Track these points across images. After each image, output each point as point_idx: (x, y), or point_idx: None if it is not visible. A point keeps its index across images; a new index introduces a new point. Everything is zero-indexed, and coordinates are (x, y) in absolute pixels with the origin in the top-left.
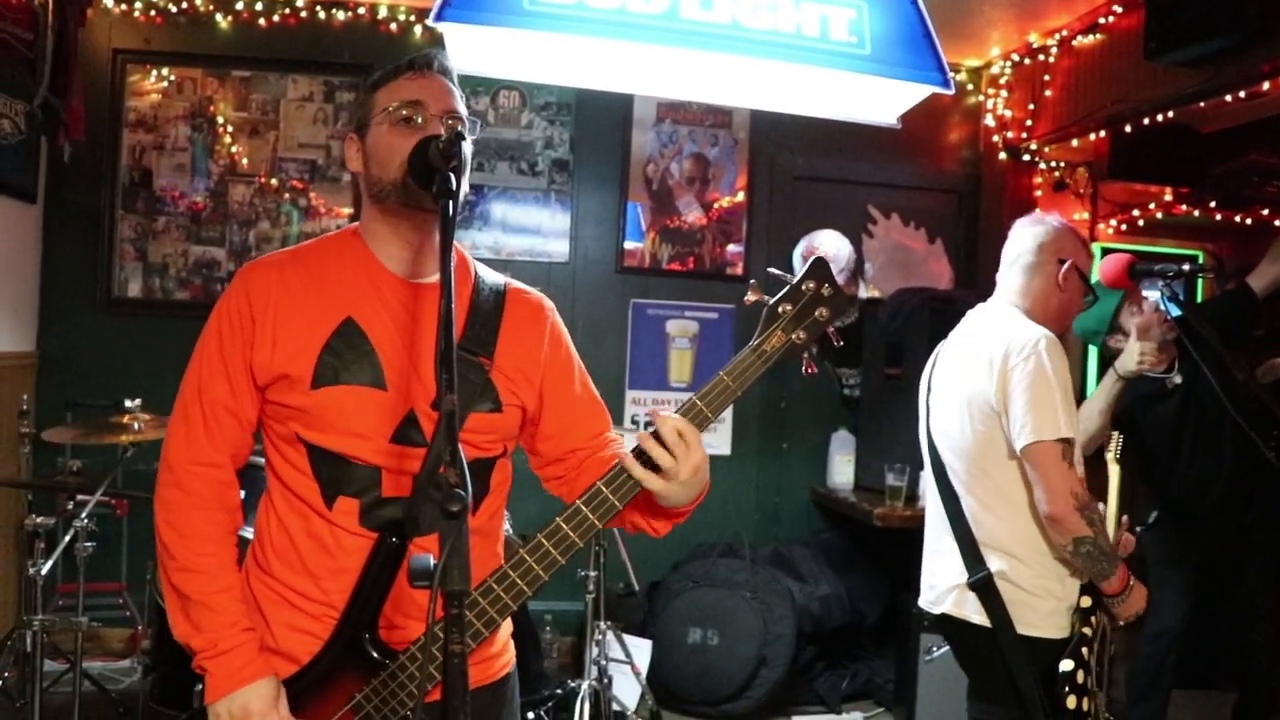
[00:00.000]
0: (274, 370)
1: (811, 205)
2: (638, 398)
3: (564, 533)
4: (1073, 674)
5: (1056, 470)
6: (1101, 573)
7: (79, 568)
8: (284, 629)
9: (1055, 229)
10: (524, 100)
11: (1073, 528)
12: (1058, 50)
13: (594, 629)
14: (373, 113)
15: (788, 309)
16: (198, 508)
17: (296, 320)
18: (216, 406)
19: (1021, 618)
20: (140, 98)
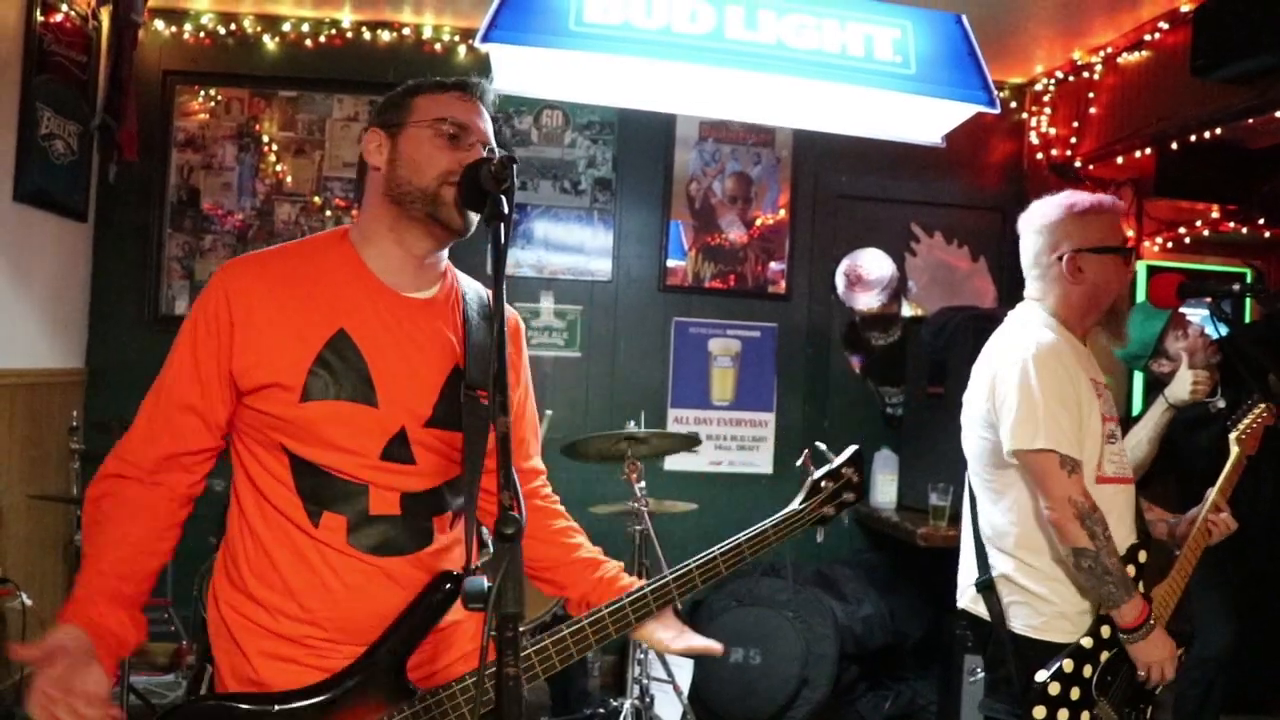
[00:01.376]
0: (259, 379)
1: (854, 223)
2: (680, 416)
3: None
4: (1044, 686)
5: (1051, 477)
6: (1108, 596)
7: None
8: (262, 658)
9: (1046, 226)
10: (567, 119)
11: (1071, 537)
12: (1103, 67)
13: (635, 647)
14: (410, 116)
15: (828, 486)
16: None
17: (284, 328)
18: (175, 406)
19: (1020, 617)
20: (188, 118)
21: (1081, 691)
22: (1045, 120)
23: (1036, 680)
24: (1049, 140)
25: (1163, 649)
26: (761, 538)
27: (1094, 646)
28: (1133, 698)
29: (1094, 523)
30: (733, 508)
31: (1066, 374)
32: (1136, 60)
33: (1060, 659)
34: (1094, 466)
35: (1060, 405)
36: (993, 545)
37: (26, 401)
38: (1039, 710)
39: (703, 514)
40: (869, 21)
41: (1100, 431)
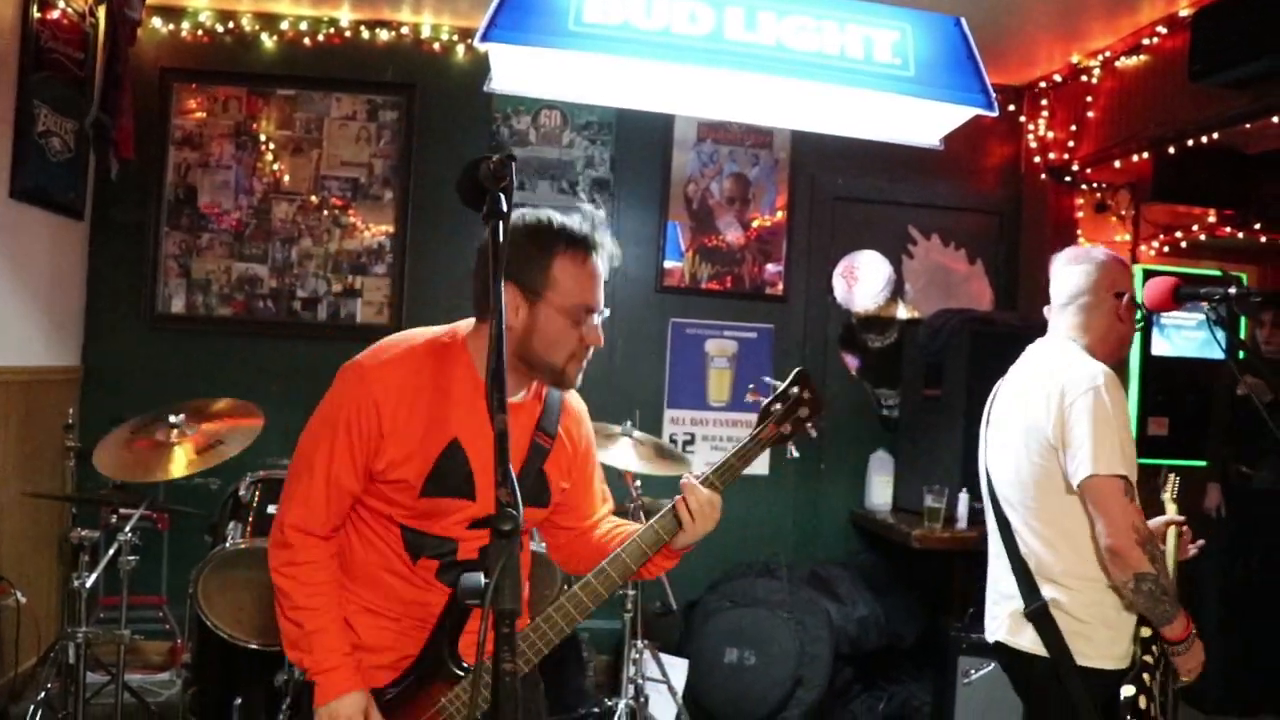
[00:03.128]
0: (393, 474)
1: (851, 225)
2: (676, 417)
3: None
4: (1135, 699)
5: (1118, 504)
6: (1163, 615)
7: (121, 581)
8: (369, 630)
9: (1104, 263)
10: (565, 120)
11: (1134, 562)
12: (1101, 71)
13: (631, 648)
14: (548, 290)
15: (778, 408)
16: (308, 563)
17: (417, 436)
18: (344, 491)
19: (1077, 649)
20: (186, 116)
21: (1148, 703)
22: (1043, 124)
23: (1124, 696)
24: (1047, 144)
25: (1201, 655)
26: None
27: (1154, 663)
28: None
29: (1154, 547)
30: (728, 508)
31: (1125, 408)
32: (1135, 64)
33: (1139, 673)
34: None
35: (1128, 436)
36: (1045, 576)
37: (22, 399)
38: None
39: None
40: (868, 23)
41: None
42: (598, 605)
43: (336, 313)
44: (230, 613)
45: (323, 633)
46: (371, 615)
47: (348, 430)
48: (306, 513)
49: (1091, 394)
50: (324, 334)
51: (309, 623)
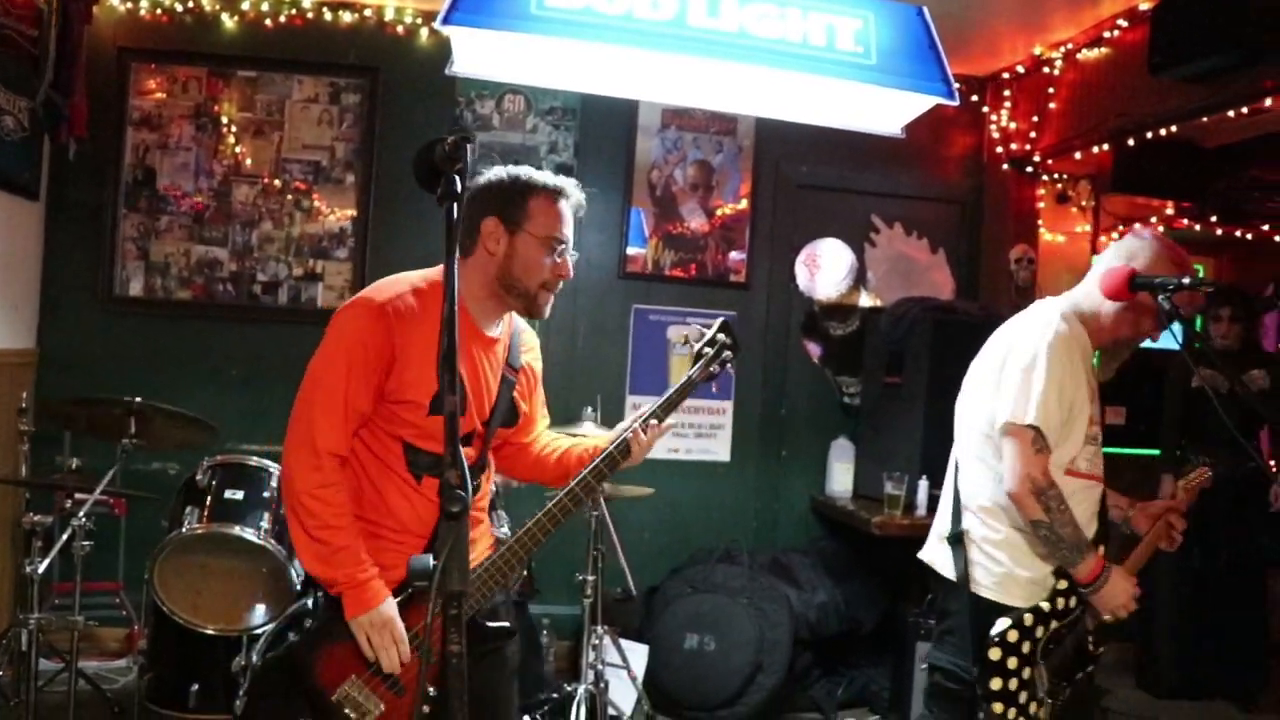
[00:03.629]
0: (404, 394)
1: (815, 213)
2: (638, 403)
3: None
4: (1005, 633)
5: (1023, 453)
6: (1064, 559)
7: (76, 566)
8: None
9: (1147, 242)
10: (529, 104)
11: (1028, 510)
12: (1062, 63)
13: (591, 633)
14: (526, 222)
15: (708, 353)
16: (334, 484)
17: (424, 363)
18: (360, 415)
19: (976, 577)
20: (144, 96)
21: (1030, 648)
22: (1006, 114)
23: (999, 627)
24: (1009, 134)
25: (1123, 593)
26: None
27: (1049, 612)
28: (1063, 672)
29: (1049, 497)
30: (690, 495)
31: (1073, 371)
32: (1096, 57)
33: (1023, 612)
34: (1068, 459)
35: (1056, 394)
36: (967, 507)
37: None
38: (995, 652)
39: (659, 500)
40: (831, 11)
41: (1085, 431)
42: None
43: (297, 297)
44: (187, 598)
45: (352, 548)
46: (374, 539)
47: (364, 356)
48: (334, 437)
49: (1032, 348)
50: (284, 318)
51: (337, 539)
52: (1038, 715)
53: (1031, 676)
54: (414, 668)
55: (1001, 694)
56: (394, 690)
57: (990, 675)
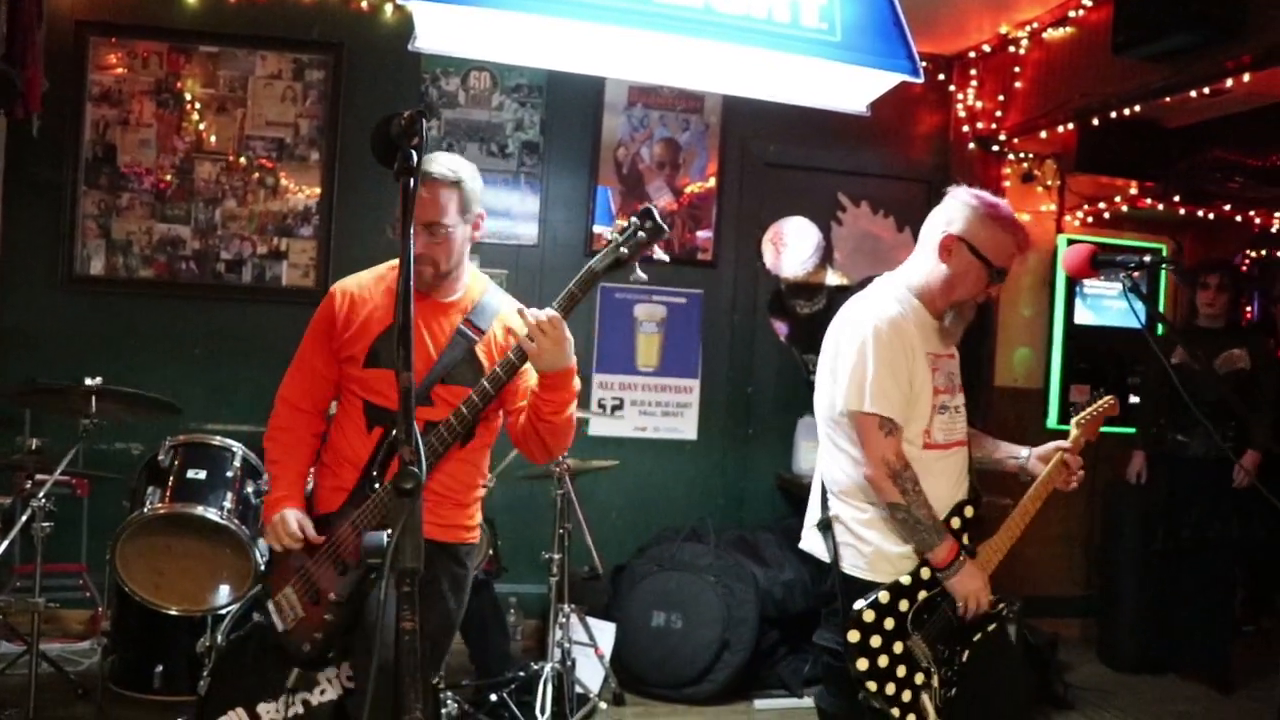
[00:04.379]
0: (345, 351)
1: (782, 192)
2: (605, 381)
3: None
4: (860, 613)
5: (872, 438)
6: (921, 542)
7: (37, 548)
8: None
9: (957, 204)
10: (495, 82)
11: (886, 493)
12: (1028, 42)
13: (558, 612)
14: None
15: (617, 236)
16: (287, 428)
17: (361, 325)
18: (314, 373)
19: (848, 557)
20: (104, 71)
21: (896, 623)
22: (972, 93)
23: (854, 608)
24: (975, 113)
25: (974, 581)
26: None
27: (912, 584)
28: (948, 637)
29: (904, 480)
30: (657, 473)
31: (903, 348)
32: (1061, 36)
33: (878, 590)
34: (921, 432)
35: (890, 376)
36: (830, 492)
37: None
38: (853, 634)
39: (625, 478)
40: None
41: (931, 403)
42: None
43: (261, 275)
44: (150, 579)
45: (281, 476)
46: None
47: (317, 323)
48: (288, 385)
49: (859, 337)
50: (248, 297)
51: (273, 469)
52: (929, 685)
53: (906, 650)
54: (329, 577)
55: (870, 673)
56: (311, 598)
57: (854, 656)
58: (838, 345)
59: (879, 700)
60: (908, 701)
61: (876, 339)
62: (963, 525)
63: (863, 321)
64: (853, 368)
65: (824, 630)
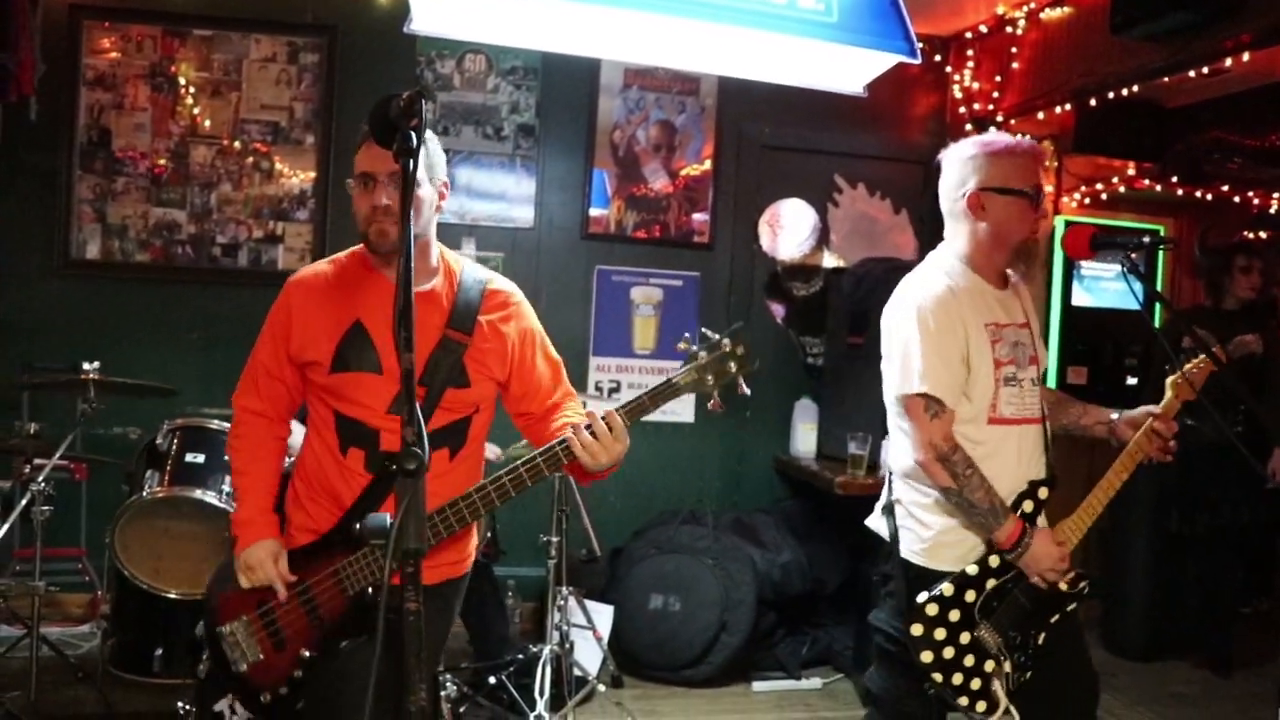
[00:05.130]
0: (305, 357)
1: (778, 174)
2: (602, 364)
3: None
4: (923, 607)
5: (919, 421)
6: (980, 525)
7: (36, 532)
8: (298, 531)
9: (959, 161)
10: (490, 64)
11: (936, 478)
12: (1025, 23)
13: (556, 595)
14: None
15: (703, 356)
16: (247, 437)
17: (321, 324)
18: (269, 374)
19: (907, 541)
20: (98, 56)
21: (962, 614)
22: (969, 74)
23: (917, 601)
24: (972, 94)
25: (1046, 558)
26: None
27: (979, 574)
28: (1021, 623)
29: (954, 464)
30: (654, 456)
31: (950, 326)
32: (1059, 16)
33: (942, 583)
34: (986, 408)
35: (937, 355)
36: (894, 472)
37: None
38: (916, 628)
39: (624, 462)
40: None
41: (994, 376)
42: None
43: (257, 259)
44: (149, 563)
45: (249, 491)
46: (298, 497)
47: (271, 323)
48: (244, 388)
49: (904, 318)
50: (244, 281)
51: (239, 480)
52: (1001, 672)
53: (975, 639)
54: (300, 625)
55: (935, 665)
56: (275, 642)
57: (919, 650)
58: (888, 328)
59: (946, 691)
60: (977, 689)
61: (920, 319)
62: (1036, 507)
63: (906, 302)
64: (899, 350)
65: (879, 610)
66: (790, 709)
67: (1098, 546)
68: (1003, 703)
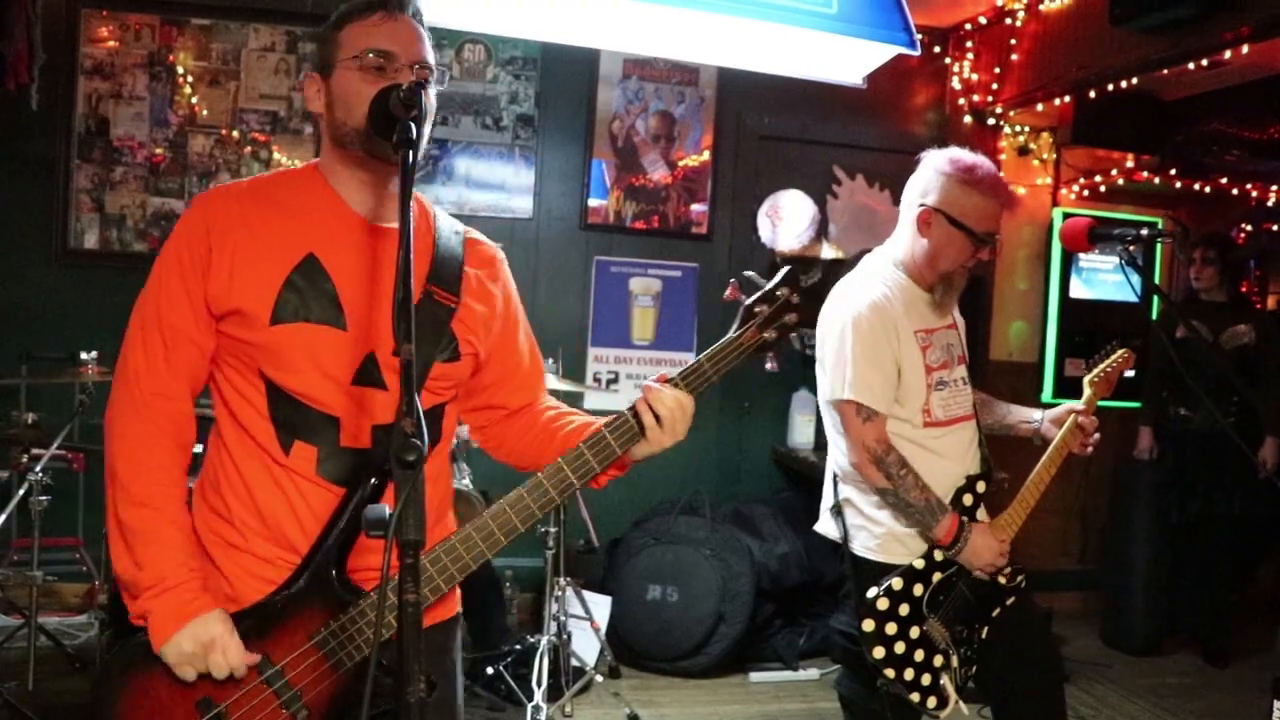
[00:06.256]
0: (229, 303)
1: (777, 165)
2: (600, 355)
3: (545, 488)
4: (874, 602)
5: (851, 426)
6: (918, 524)
7: (34, 522)
8: (240, 574)
9: (928, 171)
10: (489, 54)
11: (872, 479)
12: (1025, 14)
13: (554, 585)
14: (338, 53)
15: (764, 309)
16: (156, 439)
17: (256, 254)
18: (179, 335)
19: (859, 539)
20: (96, 44)
21: (911, 608)
22: (968, 66)
23: (868, 596)
24: (971, 86)
25: (987, 550)
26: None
27: (925, 568)
28: (966, 616)
29: (888, 464)
30: None
31: (884, 334)
32: (1058, 8)
33: (891, 577)
34: (919, 411)
35: (868, 364)
36: (838, 474)
37: None
38: (868, 623)
39: None
40: None
41: (924, 382)
42: (528, 526)
43: None
44: None
45: (165, 532)
46: (229, 548)
47: (178, 260)
48: (144, 362)
49: (837, 327)
50: None
51: (146, 522)
52: (949, 668)
53: (924, 634)
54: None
55: (887, 660)
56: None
57: (871, 644)
58: (823, 334)
59: (898, 686)
60: (927, 685)
61: (855, 327)
62: (975, 501)
63: (842, 308)
64: (835, 356)
65: (839, 614)
66: (787, 699)
67: (1097, 540)
68: (953, 698)
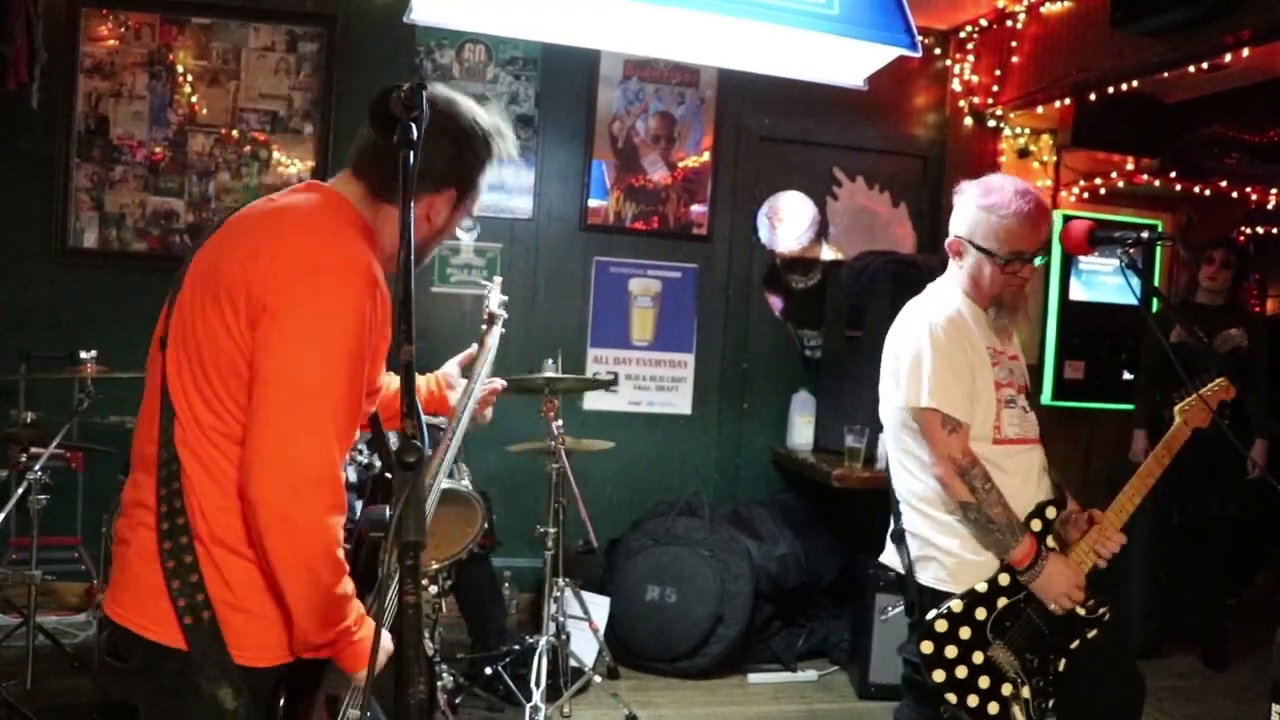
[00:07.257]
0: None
1: (777, 166)
2: (599, 355)
3: None
4: (931, 624)
5: (935, 436)
6: (996, 544)
7: (32, 521)
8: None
9: (961, 201)
10: (489, 54)
11: (955, 492)
12: (1026, 16)
13: (552, 586)
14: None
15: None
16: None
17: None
18: (351, 424)
19: (928, 570)
20: (95, 43)
21: (974, 632)
22: (969, 68)
23: (926, 618)
24: (971, 88)
25: (1062, 580)
26: None
27: (989, 591)
28: (1038, 645)
29: (973, 477)
30: (650, 447)
31: (961, 343)
32: (1059, 10)
33: (951, 600)
34: (990, 428)
35: (949, 370)
36: (904, 501)
37: None
38: (926, 645)
39: (620, 453)
40: None
41: (994, 396)
42: None
43: None
44: None
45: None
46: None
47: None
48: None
49: (916, 334)
50: None
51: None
52: (1019, 698)
53: (988, 660)
54: None
55: (949, 685)
56: None
57: (930, 668)
58: (898, 348)
59: (963, 713)
60: (995, 714)
61: (933, 336)
62: (1045, 527)
63: (918, 322)
64: (912, 367)
65: (907, 642)
66: (786, 701)
67: None
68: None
